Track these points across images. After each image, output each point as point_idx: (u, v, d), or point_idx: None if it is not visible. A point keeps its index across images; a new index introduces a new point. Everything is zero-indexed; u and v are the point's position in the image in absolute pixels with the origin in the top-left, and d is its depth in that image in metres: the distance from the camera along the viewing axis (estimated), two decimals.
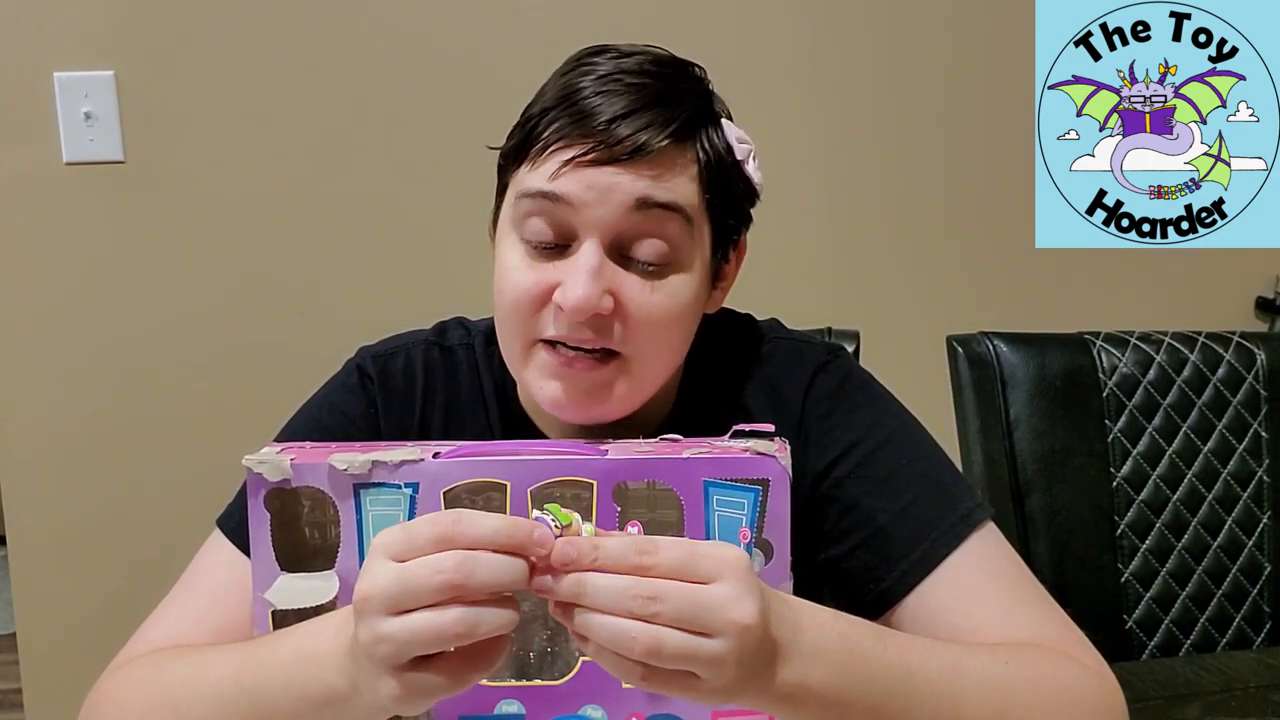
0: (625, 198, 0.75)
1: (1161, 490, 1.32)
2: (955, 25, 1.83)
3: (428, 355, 0.90)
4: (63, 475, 1.70)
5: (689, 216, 0.78)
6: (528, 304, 0.78)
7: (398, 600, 0.57)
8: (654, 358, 0.80)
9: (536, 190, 0.77)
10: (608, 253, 0.77)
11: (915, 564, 0.80)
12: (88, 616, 1.74)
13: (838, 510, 0.84)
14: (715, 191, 0.80)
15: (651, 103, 0.77)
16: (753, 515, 0.70)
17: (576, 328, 0.76)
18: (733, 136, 0.82)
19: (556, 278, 0.77)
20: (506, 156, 0.82)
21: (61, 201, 1.63)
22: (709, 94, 0.83)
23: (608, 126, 0.75)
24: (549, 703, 0.72)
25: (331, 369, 0.96)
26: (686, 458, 0.70)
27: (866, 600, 0.81)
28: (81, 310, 1.66)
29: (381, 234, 1.72)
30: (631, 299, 0.77)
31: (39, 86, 1.59)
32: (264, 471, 0.70)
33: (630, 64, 0.79)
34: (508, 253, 0.80)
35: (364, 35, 1.67)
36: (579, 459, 0.71)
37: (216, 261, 1.68)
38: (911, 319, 1.75)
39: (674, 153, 0.77)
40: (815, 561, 0.84)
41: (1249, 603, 1.33)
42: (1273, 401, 1.34)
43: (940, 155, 1.87)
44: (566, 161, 0.75)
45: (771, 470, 0.70)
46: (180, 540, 1.73)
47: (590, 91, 0.77)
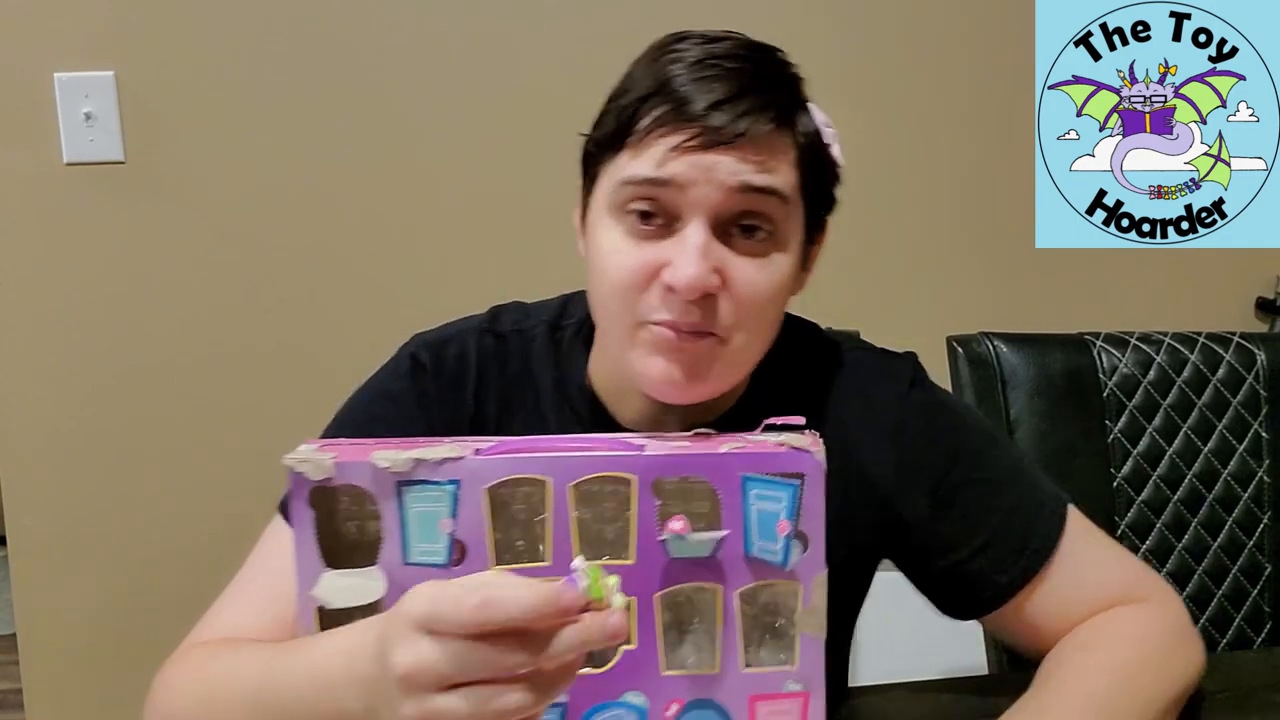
0: (729, 178, 0.76)
1: (1162, 491, 1.32)
2: (955, 25, 1.83)
3: (481, 342, 0.90)
4: (63, 476, 1.70)
5: (787, 199, 0.79)
6: (634, 285, 0.78)
7: (448, 678, 0.57)
8: (752, 337, 0.81)
9: (643, 177, 0.77)
10: (712, 232, 0.77)
11: (1034, 554, 0.88)
12: (87, 617, 1.74)
13: (958, 515, 0.89)
14: (810, 175, 0.81)
15: (750, 87, 0.77)
16: (791, 509, 0.72)
17: (685, 309, 0.77)
18: (820, 120, 0.83)
19: (663, 257, 0.77)
20: (599, 144, 0.82)
21: (62, 202, 1.63)
22: (797, 78, 0.83)
23: (709, 112, 0.75)
24: (591, 690, 0.73)
25: (331, 368, 0.96)
26: (724, 453, 0.72)
27: (985, 596, 0.89)
28: (81, 311, 1.66)
29: (382, 234, 1.72)
30: (737, 277, 0.78)
31: (39, 87, 1.59)
32: (306, 470, 0.71)
33: (721, 49, 0.79)
34: (607, 236, 0.80)
35: (363, 35, 1.67)
36: (618, 455, 0.72)
37: (216, 262, 1.68)
38: (911, 319, 1.75)
39: (774, 137, 0.78)
40: (935, 568, 0.90)
41: (1249, 603, 1.33)
42: (1273, 402, 1.33)
43: (940, 155, 1.87)
44: (673, 149, 0.76)
45: (807, 465, 0.72)
46: (180, 540, 1.74)
47: (686, 78, 0.77)
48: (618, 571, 0.67)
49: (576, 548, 0.72)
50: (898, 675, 0.99)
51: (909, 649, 1.35)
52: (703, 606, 0.75)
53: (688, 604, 0.75)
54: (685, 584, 0.74)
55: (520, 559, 0.72)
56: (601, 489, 0.72)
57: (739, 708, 0.75)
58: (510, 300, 0.96)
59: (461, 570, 0.71)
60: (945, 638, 1.27)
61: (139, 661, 1.78)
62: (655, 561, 0.73)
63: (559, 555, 0.72)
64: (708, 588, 0.74)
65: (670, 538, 0.72)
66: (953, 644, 1.30)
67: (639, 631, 0.73)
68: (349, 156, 1.69)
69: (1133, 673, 0.84)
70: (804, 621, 0.74)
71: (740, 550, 0.73)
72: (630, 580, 0.72)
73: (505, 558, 0.72)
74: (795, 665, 0.75)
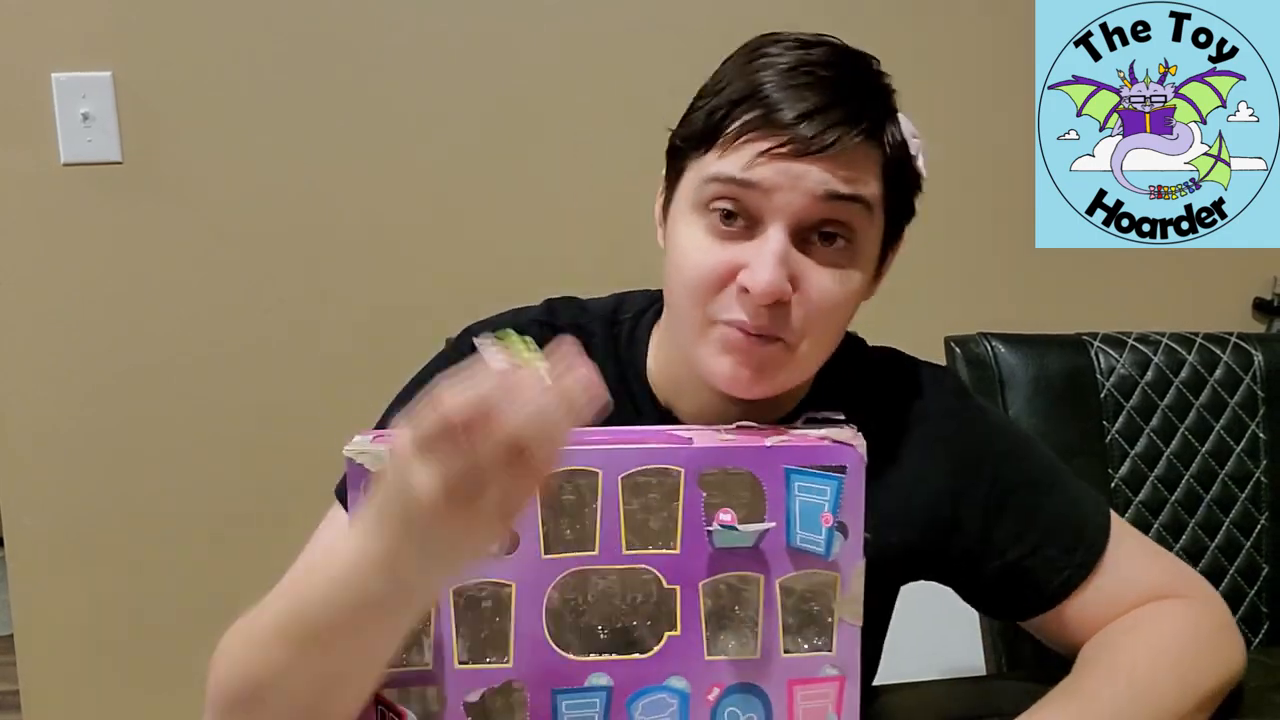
0: (815, 186, 0.77)
1: (1159, 491, 1.32)
2: (955, 25, 1.83)
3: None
4: (60, 476, 1.70)
5: (870, 209, 0.80)
6: (711, 284, 0.79)
7: (470, 473, 0.57)
8: (818, 343, 0.82)
9: (729, 176, 0.78)
10: (790, 238, 0.78)
11: (1086, 553, 0.90)
12: (85, 618, 1.73)
13: (1014, 516, 0.90)
14: (894, 186, 0.82)
15: (842, 98, 0.78)
16: (835, 501, 0.75)
17: (757, 312, 0.78)
18: (907, 131, 0.84)
19: (741, 259, 0.78)
20: (687, 141, 0.82)
21: (59, 202, 1.63)
22: (888, 88, 0.84)
23: (800, 122, 0.76)
24: (636, 675, 0.76)
25: (330, 367, 0.96)
26: (769, 446, 0.75)
27: (1039, 598, 0.90)
28: (79, 311, 1.66)
29: (380, 233, 1.72)
30: (811, 285, 0.79)
31: (37, 87, 1.59)
32: (365, 462, 0.72)
33: (815, 55, 0.80)
34: (687, 232, 0.81)
35: (361, 35, 1.67)
36: (668, 447, 0.75)
37: (214, 262, 1.68)
38: (911, 319, 1.75)
39: (863, 149, 0.79)
40: (988, 570, 0.91)
41: (1247, 603, 1.32)
42: (1270, 403, 1.33)
43: (940, 155, 1.86)
44: (762, 153, 0.76)
45: (849, 458, 0.75)
46: (178, 541, 1.74)
47: (779, 85, 0.78)
48: (664, 560, 0.73)
49: (624, 538, 0.75)
50: (896, 675, 0.99)
51: (907, 649, 1.35)
52: (745, 594, 0.78)
53: (730, 592, 0.78)
54: (729, 573, 0.77)
55: (570, 548, 0.75)
56: (648, 480, 0.75)
57: (778, 692, 0.78)
58: (506, 301, 0.96)
59: (513, 558, 0.74)
60: (944, 638, 1.27)
61: (137, 663, 1.79)
62: (700, 551, 0.76)
63: (607, 545, 0.74)
64: (750, 576, 0.77)
65: (718, 529, 0.75)
66: (951, 644, 1.30)
67: (683, 618, 0.76)
68: (346, 156, 1.69)
69: (1175, 660, 0.85)
70: (843, 608, 0.77)
71: (783, 541, 0.76)
72: (675, 569, 0.76)
73: (556, 547, 0.75)
74: (833, 651, 0.78)
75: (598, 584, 0.79)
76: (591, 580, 0.79)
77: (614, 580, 0.77)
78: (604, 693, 0.76)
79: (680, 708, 0.77)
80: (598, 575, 0.79)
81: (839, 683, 0.78)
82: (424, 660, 0.76)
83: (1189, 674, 0.85)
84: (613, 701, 0.76)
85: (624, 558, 0.75)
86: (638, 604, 0.78)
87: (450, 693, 0.76)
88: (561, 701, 0.76)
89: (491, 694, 0.76)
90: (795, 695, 0.78)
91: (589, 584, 0.79)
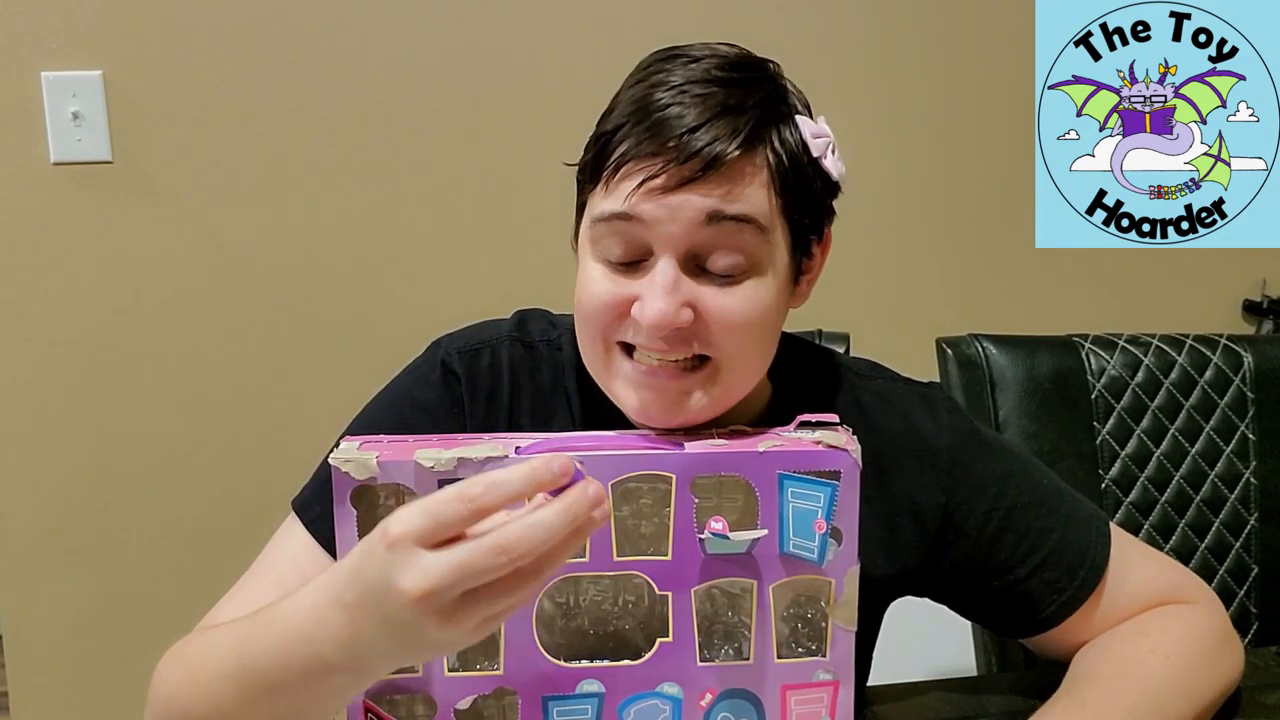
0: (696, 214, 0.75)
1: (1149, 492, 1.31)
2: (955, 25, 1.82)
3: (512, 352, 0.90)
4: (48, 477, 1.69)
5: (761, 225, 0.77)
6: (607, 316, 0.79)
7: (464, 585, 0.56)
8: (741, 360, 0.80)
9: (611, 213, 0.77)
10: (683, 265, 0.77)
11: (1089, 571, 0.89)
12: (74, 620, 1.73)
13: (1013, 538, 0.89)
14: (789, 193, 0.79)
15: (719, 113, 0.75)
16: (829, 508, 0.74)
17: (657, 343, 0.77)
18: (808, 132, 0.80)
19: (635, 291, 0.77)
20: (583, 173, 0.82)
21: (49, 201, 1.62)
22: (779, 91, 0.81)
23: (677, 142, 0.74)
24: (628, 681, 0.76)
25: (322, 370, 0.95)
26: (762, 451, 0.74)
27: (1042, 615, 0.90)
28: (68, 311, 1.65)
29: (371, 234, 1.71)
30: (710, 309, 0.77)
31: (26, 86, 1.58)
32: (350, 470, 0.71)
33: (698, 71, 0.78)
34: (585, 266, 0.81)
35: (353, 35, 1.66)
36: (659, 453, 0.74)
37: (204, 262, 1.67)
38: (911, 320, 1.74)
39: (743, 162, 0.76)
40: (989, 589, 0.90)
41: (1236, 604, 1.32)
42: (1260, 404, 1.33)
43: (940, 155, 1.86)
44: (637, 186, 0.75)
45: (843, 463, 0.74)
46: (166, 542, 1.73)
47: (657, 106, 0.76)
48: (655, 566, 0.72)
49: (615, 545, 0.74)
50: (888, 676, 0.98)
51: (898, 650, 1.35)
52: (737, 600, 0.77)
53: (723, 598, 0.78)
54: (721, 579, 0.76)
55: None
56: (639, 486, 0.74)
57: (771, 697, 0.77)
58: (497, 304, 0.96)
59: None
60: (935, 639, 1.27)
61: (124, 664, 1.77)
62: (692, 557, 0.75)
63: (597, 552, 0.74)
64: (743, 583, 0.76)
65: (710, 536, 0.74)
66: (943, 645, 1.30)
67: (675, 624, 0.75)
68: (337, 156, 1.68)
69: (1183, 671, 0.85)
70: (836, 613, 0.77)
71: (776, 547, 0.75)
72: (667, 575, 0.75)
73: None
74: (826, 655, 0.77)
75: (589, 590, 0.78)
76: (583, 587, 0.78)
77: (605, 587, 0.77)
78: (596, 699, 0.75)
79: (673, 714, 0.76)
80: (589, 582, 0.78)
81: (833, 688, 0.78)
82: (414, 668, 0.75)
83: (1197, 685, 0.85)
84: (604, 708, 0.76)
85: (615, 564, 0.74)
86: (629, 610, 0.78)
87: (440, 700, 0.75)
88: (553, 708, 0.76)
89: (482, 701, 0.76)
90: (789, 701, 0.77)
91: (580, 590, 0.78)
